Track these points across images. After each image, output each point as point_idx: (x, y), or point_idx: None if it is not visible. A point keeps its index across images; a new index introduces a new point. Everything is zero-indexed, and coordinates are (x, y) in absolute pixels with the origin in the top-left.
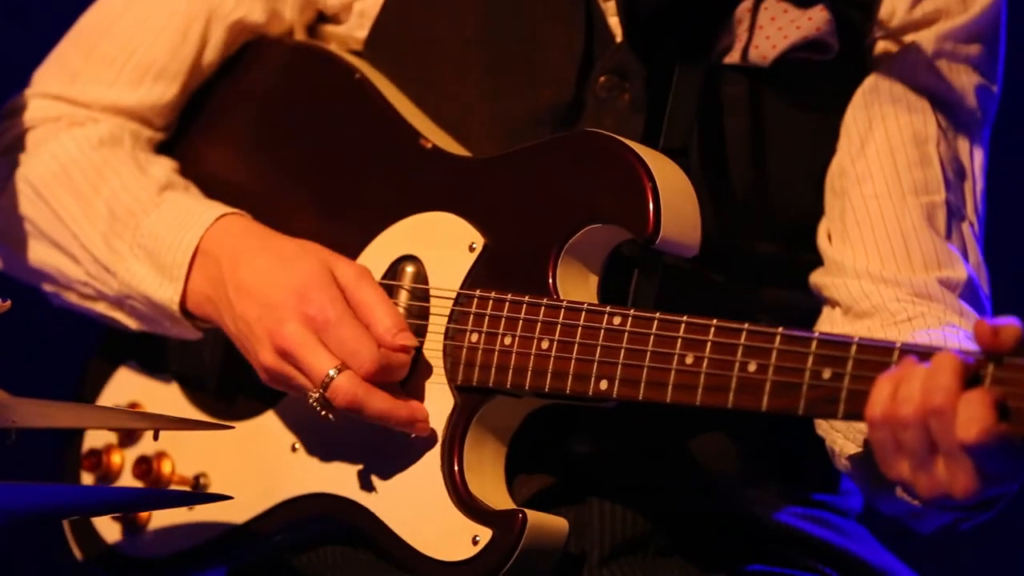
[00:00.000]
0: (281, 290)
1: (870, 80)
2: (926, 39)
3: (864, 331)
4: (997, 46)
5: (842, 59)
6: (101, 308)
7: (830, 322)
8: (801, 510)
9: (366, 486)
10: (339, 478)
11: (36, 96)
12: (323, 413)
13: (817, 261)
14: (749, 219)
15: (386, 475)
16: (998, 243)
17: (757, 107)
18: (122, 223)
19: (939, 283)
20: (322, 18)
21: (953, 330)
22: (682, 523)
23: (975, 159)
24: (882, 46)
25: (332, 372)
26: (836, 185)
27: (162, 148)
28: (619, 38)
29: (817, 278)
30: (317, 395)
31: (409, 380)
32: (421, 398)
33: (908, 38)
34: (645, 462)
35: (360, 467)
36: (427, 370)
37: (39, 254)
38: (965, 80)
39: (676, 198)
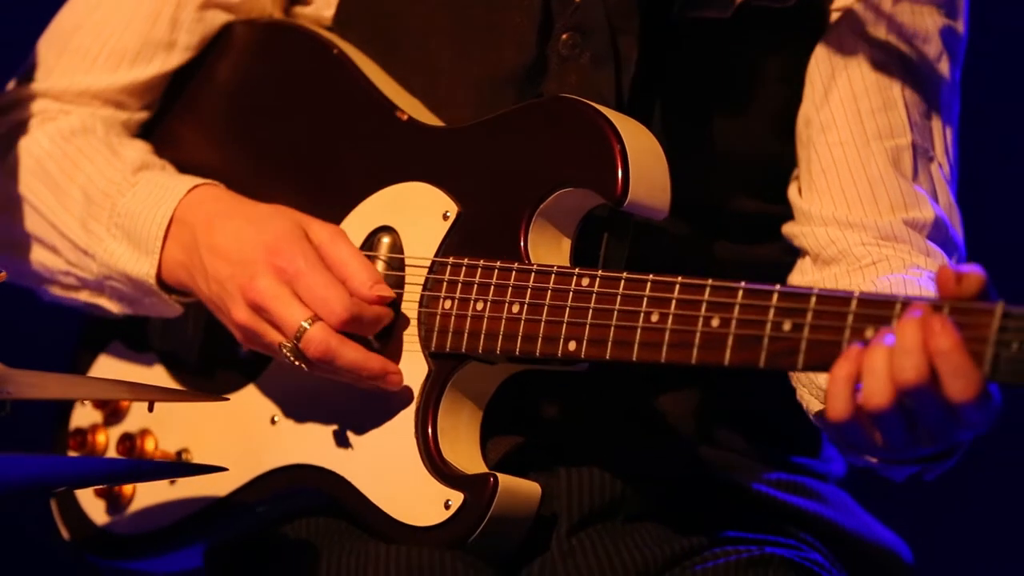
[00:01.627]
0: (253, 247)
1: (833, 27)
2: None
3: (831, 278)
4: None
5: (804, 5)
6: (84, 296)
7: (800, 272)
8: (776, 475)
9: (343, 455)
10: (317, 448)
11: (13, 95)
12: (297, 364)
13: (788, 212)
14: (718, 171)
15: (362, 444)
16: (999, 242)
17: (720, 57)
18: (98, 205)
19: (905, 224)
20: (293, 1)
21: (916, 272)
22: (654, 489)
23: (943, 101)
24: None
25: (305, 323)
26: (803, 135)
27: (142, 129)
28: None
29: (788, 228)
30: (290, 346)
31: (384, 348)
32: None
33: None
34: (616, 426)
35: (338, 437)
36: (402, 338)
37: (24, 254)
38: (929, 22)
39: (645, 161)
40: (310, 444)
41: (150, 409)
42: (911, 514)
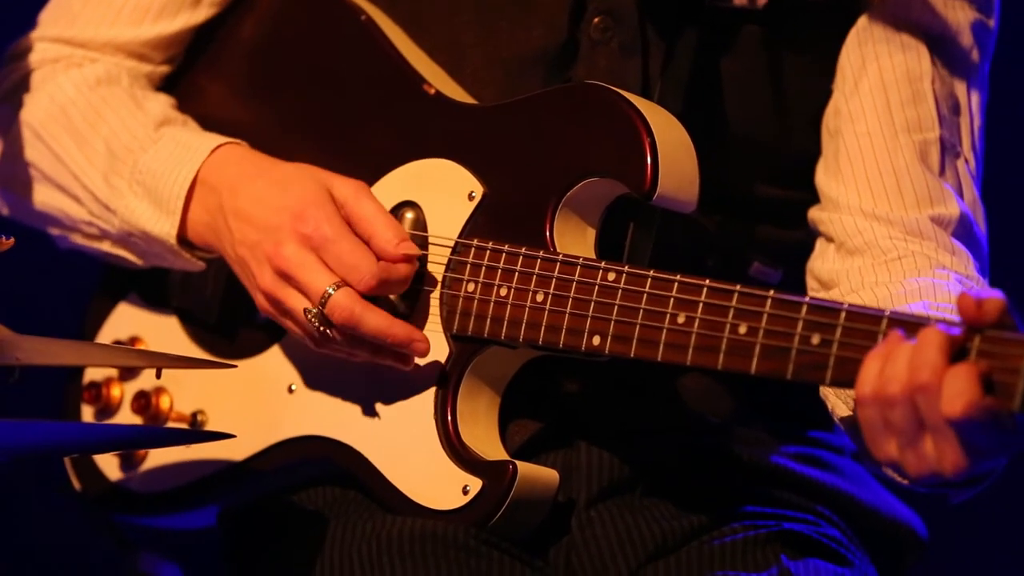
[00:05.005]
0: (278, 212)
1: (864, 18)
2: None
3: (855, 270)
4: None
5: None
6: (106, 247)
7: (822, 258)
8: (793, 448)
9: (360, 431)
10: (334, 421)
11: (38, 39)
12: (321, 329)
13: (814, 200)
14: (746, 160)
15: (381, 421)
16: (999, 242)
17: (751, 48)
18: (120, 160)
19: (931, 220)
20: None
21: (943, 273)
22: (671, 464)
23: (972, 96)
24: None
25: (331, 289)
26: (831, 125)
27: (165, 86)
28: None
29: (813, 213)
30: (316, 311)
31: None
32: None
33: None
34: (634, 401)
35: (355, 411)
36: (424, 318)
37: (43, 196)
38: (961, 16)
39: (675, 154)
40: (328, 416)
41: (158, 376)
42: (928, 494)
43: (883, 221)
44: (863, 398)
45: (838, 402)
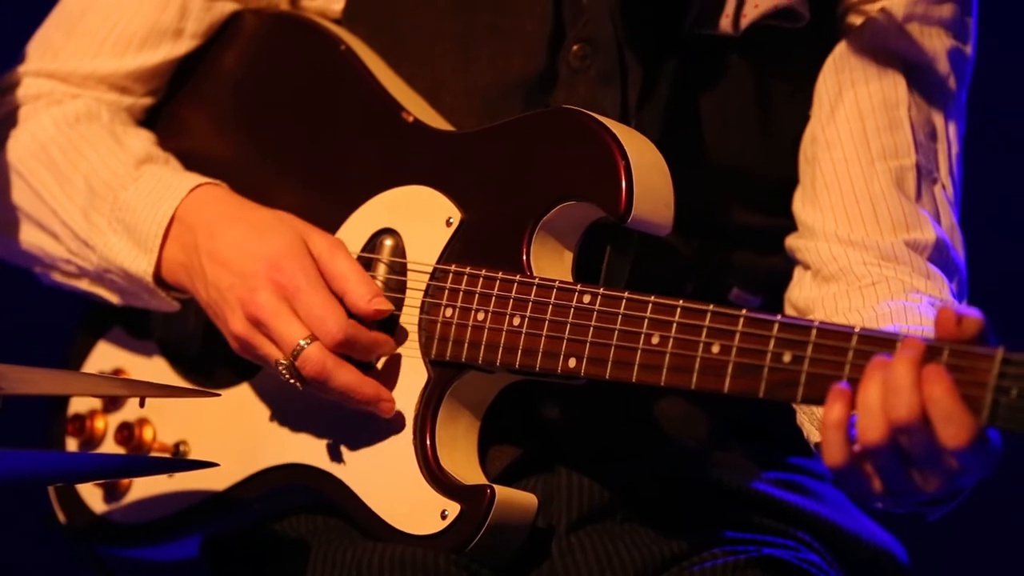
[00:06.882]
0: (254, 259)
1: (841, 46)
2: (897, 3)
3: (830, 296)
4: (969, 7)
5: (814, 26)
6: (84, 285)
7: (799, 286)
8: (773, 475)
9: (340, 458)
10: (315, 449)
11: (24, 73)
12: (291, 382)
13: (792, 226)
14: (724, 187)
15: (360, 447)
16: (998, 242)
17: (729, 76)
18: (100, 197)
19: (906, 245)
20: None
21: (916, 297)
22: (651, 490)
23: (949, 123)
24: (853, 11)
25: (303, 342)
26: (808, 152)
27: (147, 118)
28: None
29: (791, 241)
30: (287, 363)
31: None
32: (395, 371)
33: (879, 3)
34: (614, 427)
35: (336, 439)
36: (402, 344)
37: (24, 235)
38: (937, 43)
39: (649, 177)
40: (308, 444)
41: (141, 405)
42: (906, 514)
43: (858, 247)
44: (837, 466)
45: (812, 429)
